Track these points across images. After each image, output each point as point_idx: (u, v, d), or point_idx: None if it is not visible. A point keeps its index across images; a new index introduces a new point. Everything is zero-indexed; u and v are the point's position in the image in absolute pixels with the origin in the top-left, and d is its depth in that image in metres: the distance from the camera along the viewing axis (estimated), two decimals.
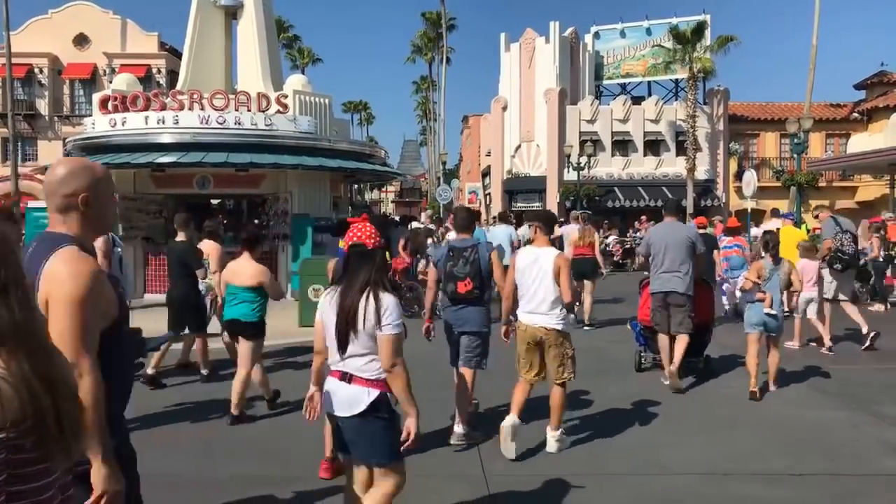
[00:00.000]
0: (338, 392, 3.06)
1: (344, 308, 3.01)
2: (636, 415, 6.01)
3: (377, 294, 3.00)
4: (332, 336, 3.08)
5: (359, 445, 3.09)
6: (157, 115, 13.16)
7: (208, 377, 7.28)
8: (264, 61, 15.12)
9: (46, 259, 2.07)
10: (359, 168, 14.55)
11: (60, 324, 1.97)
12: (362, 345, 3.00)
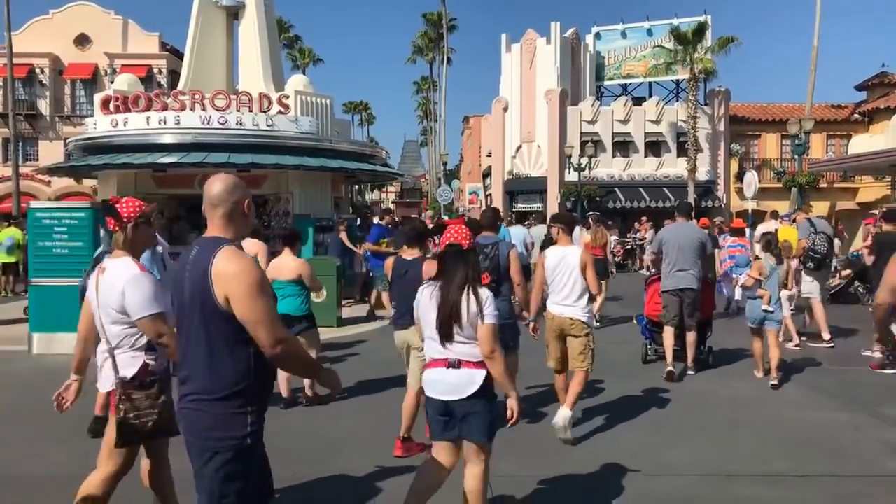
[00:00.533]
0: (446, 378, 3.34)
1: (448, 303, 3.31)
2: (638, 415, 6.02)
3: (476, 289, 3.32)
4: (433, 328, 3.35)
5: (469, 423, 3.36)
6: (159, 116, 13.18)
7: None
8: (265, 62, 15.15)
9: (209, 261, 2.39)
10: (360, 168, 14.58)
11: (253, 313, 2.36)
12: (467, 334, 3.30)
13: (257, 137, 13.23)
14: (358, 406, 6.21)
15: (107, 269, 3.19)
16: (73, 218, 8.40)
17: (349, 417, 5.80)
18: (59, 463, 4.76)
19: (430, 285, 3.47)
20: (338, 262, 10.84)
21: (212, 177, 2.54)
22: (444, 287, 3.35)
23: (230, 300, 2.38)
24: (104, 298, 3.17)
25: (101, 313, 3.20)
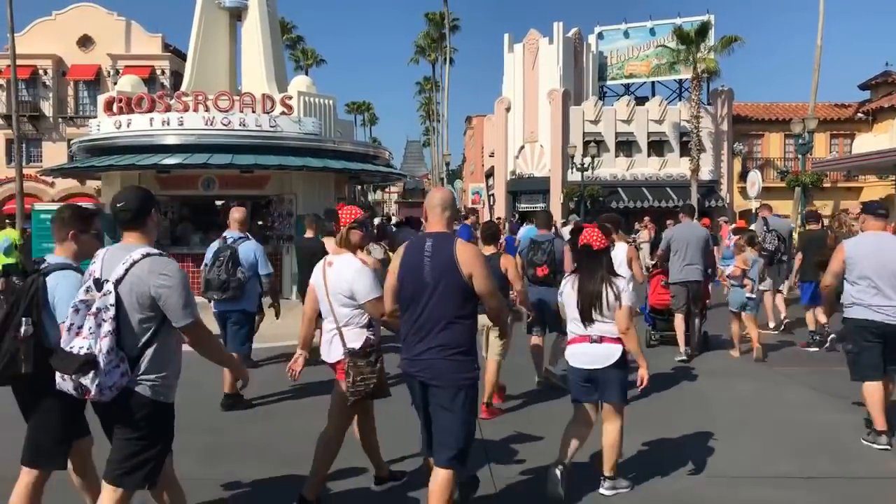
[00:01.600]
0: (589, 351, 4.17)
1: (589, 293, 4.14)
2: (642, 417, 5.98)
3: (612, 281, 4.15)
4: (576, 312, 4.20)
5: (609, 388, 4.16)
6: (162, 117, 13.17)
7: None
8: (268, 63, 15.13)
9: (452, 248, 3.37)
10: (363, 169, 14.56)
11: (486, 284, 3.40)
12: (608, 316, 4.11)
13: (260, 138, 13.20)
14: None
15: (334, 263, 3.96)
16: None
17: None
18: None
19: (571, 278, 4.34)
20: None
21: (435, 187, 3.52)
22: (584, 279, 4.20)
23: (473, 277, 3.34)
24: (335, 286, 3.90)
25: (330, 298, 3.92)
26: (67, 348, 2.82)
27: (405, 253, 3.52)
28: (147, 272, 2.90)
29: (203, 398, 6.51)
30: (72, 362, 2.78)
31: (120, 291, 2.87)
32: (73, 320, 2.85)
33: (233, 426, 5.64)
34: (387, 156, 16.52)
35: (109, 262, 2.96)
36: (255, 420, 5.81)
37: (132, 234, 3.04)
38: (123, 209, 3.01)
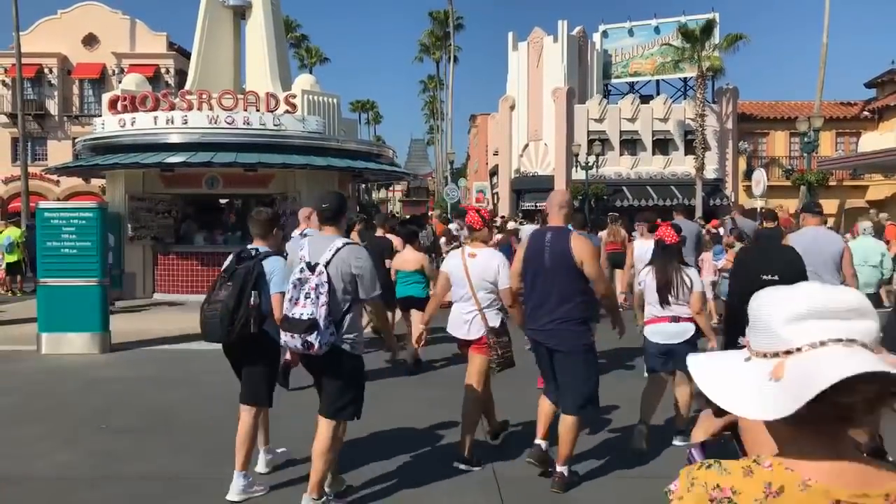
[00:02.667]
0: (668, 329, 4.98)
1: (666, 281, 4.93)
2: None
3: (683, 271, 4.99)
4: (655, 296, 4.98)
5: (682, 359, 4.36)
6: (166, 115, 13.18)
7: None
8: (272, 61, 15.12)
9: (567, 240, 4.18)
10: (367, 168, 14.53)
11: (594, 270, 4.19)
12: (682, 300, 4.93)
13: (264, 137, 13.20)
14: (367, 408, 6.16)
15: (477, 255, 4.68)
16: (82, 218, 8.41)
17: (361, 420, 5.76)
18: (66, 463, 4.76)
19: (648, 268, 5.14)
20: None
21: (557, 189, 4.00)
22: (660, 269, 4.99)
23: (583, 264, 4.12)
24: (480, 274, 4.60)
25: (473, 284, 4.61)
26: (292, 315, 3.70)
27: (529, 243, 4.41)
28: (348, 256, 3.75)
29: (206, 397, 6.52)
30: (300, 325, 3.64)
31: (329, 271, 3.70)
32: (293, 294, 3.74)
33: (235, 425, 5.62)
34: (391, 154, 16.50)
35: (315, 250, 3.78)
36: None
37: (331, 227, 3.93)
38: (327, 209, 3.90)
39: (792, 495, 0.98)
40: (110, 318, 8.77)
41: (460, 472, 4.64)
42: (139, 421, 5.70)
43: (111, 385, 6.91)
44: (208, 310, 4.06)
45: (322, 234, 3.97)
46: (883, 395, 0.97)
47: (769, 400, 1.00)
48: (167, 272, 14.06)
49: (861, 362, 0.95)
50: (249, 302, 3.99)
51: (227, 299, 3.97)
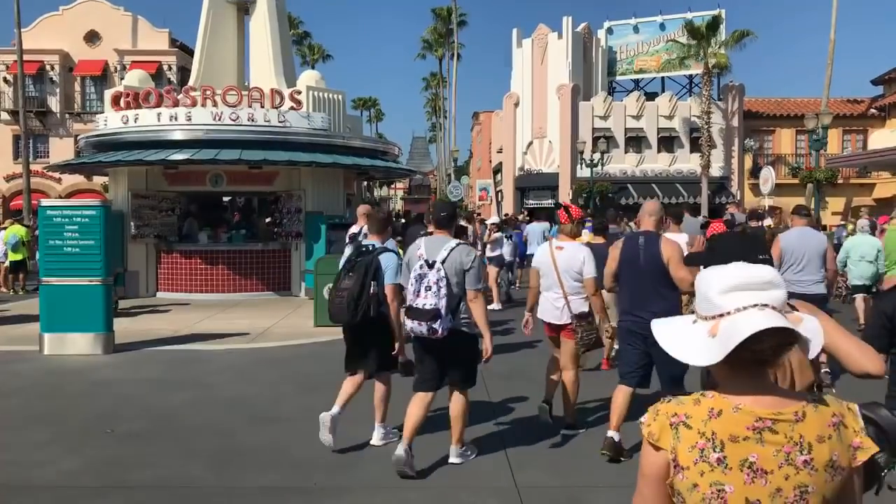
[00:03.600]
0: None
1: None
2: None
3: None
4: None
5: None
6: (170, 112, 13.01)
7: None
8: (277, 57, 14.95)
9: (658, 243, 4.66)
10: (373, 165, 14.37)
11: (677, 270, 4.50)
12: None
13: (269, 134, 13.04)
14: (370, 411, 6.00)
15: (564, 248, 5.24)
16: (84, 216, 8.24)
17: (363, 423, 5.60)
18: (71, 471, 4.59)
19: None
20: None
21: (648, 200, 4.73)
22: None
23: (669, 263, 4.54)
24: (568, 265, 5.16)
25: (560, 274, 5.15)
26: (416, 305, 4.29)
27: (623, 246, 4.86)
28: (460, 254, 4.39)
29: (213, 399, 6.37)
30: (426, 314, 4.24)
31: (445, 267, 4.32)
32: (415, 287, 4.32)
33: (244, 429, 5.48)
34: (396, 152, 16.32)
35: (431, 249, 4.39)
36: (266, 423, 5.64)
37: (443, 231, 4.59)
38: (444, 216, 4.62)
39: (727, 415, 1.38)
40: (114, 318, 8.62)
41: (477, 480, 4.48)
42: (145, 425, 5.54)
43: (116, 387, 6.75)
44: (336, 297, 4.76)
45: (436, 235, 4.60)
46: (783, 343, 1.38)
47: (708, 351, 1.40)
48: (170, 271, 13.91)
49: (767, 321, 1.34)
50: (370, 290, 4.66)
51: (351, 287, 4.67)
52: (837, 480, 1.37)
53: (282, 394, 6.52)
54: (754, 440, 1.36)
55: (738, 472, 1.36)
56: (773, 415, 1.37)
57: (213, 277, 13.70)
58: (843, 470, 1.37)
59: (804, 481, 1.35)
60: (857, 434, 1.40)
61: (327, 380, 7.02)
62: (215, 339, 9.25)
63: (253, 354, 8.37)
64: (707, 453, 1.37)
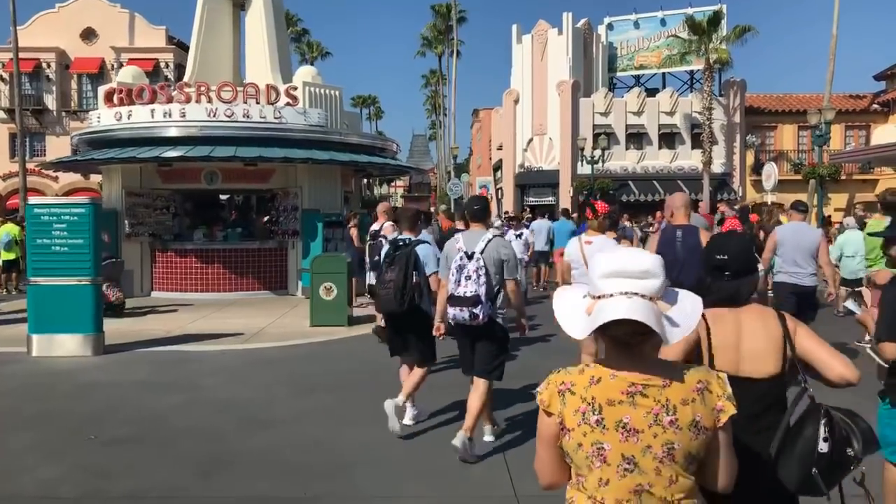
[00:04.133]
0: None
1: None
2: None
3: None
4: None
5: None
6: (164, 108, 12.80)
7: None
8: (273, 53, 14.73)
9: (698, 234, 5.08)
10: (370, 162, 14.15)
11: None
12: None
13: (265, 130, 12.82)
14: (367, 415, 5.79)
15: (593, 242, 5.47)
16: (73, 214, 8.02)
17: (359, 427, 5.40)
18: (51, 480, 4.37)
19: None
20: (348, 259, 10.44)
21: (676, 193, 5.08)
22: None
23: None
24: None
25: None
26: (457, 293, 4.52)
27: (661, 238, 5.26)
28: (497, 246, 4.67)
29: (203, 401, 6.16)
30: (467, 301, 4.48)
31: (483, 257, 4.55)
32: (455, 276, 4.58)
33: (235, 433, 5.27)
34: (394, 148, 16.10)
35: (470, 241, 4.67)
36: (259, 427, 5.43)
37: (479, 224, 4.86)
38: (479, 210, 4.89)
39: (605, 382, 1.56)
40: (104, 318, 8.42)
41: (477, 490, 4.27)
42: (131, 430, 5.33)
43: (103, 390, 6.54)
44: (383, 289, 5.10)
45: (473, 229, 4.89)
46: (638, 332, 1.51)
47: (580, 326, 1.57)
48: (165, 270, 13.70)
49: (622, 311, 1.49)
50: (412, 280, 4.99)
51: (396, 279, 4.99)
52: (701, 439, 1.55)
53: (275, 396, 6.31)
54: (627, 403, 1.55)
55: (614, 432, 1.54)
56: (644, 381, 1.56)
57: (209, 277, 13.49)
58: (706, 430, 1.55)
59: (671, 439, 1.53)
60: (720, 398, 1.58)
61: (323, 381, 6.84)
62: (209, 339, 9.04)
63: (247, 355, 8.16)
64: (588, 416, 1.56)
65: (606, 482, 1.56)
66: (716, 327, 2.27)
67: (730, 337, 2.26)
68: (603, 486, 1.57)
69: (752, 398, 2.14)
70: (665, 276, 1.58)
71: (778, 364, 2.23)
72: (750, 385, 2.18)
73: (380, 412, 5.34)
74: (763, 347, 2.24)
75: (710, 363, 2.24)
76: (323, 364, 7.65)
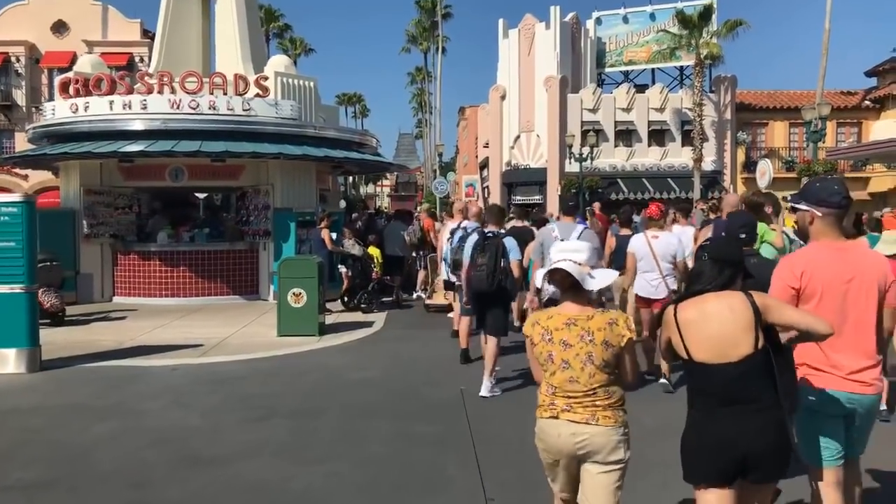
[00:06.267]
0: None
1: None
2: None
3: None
4: None
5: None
6: (123, 100, 11.88)
7: None
8: (244, 43, 13.85)
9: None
10: (348, 157, 13.30)
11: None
12: None
13: (233, 123, 11.92)
14: (327, 448, 4.98)
15: (659, 237, 6.46)
16: (3, 214, 7.14)
17: (316, 466, 4.58)
18: None
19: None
20: (319, 261, 9.60)
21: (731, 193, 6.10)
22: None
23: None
24: (664, 251, 6.34)
25: (658, 258, 6.30)
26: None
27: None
28: (588, 237, 6.08)
29: (137, 431, 5.29)
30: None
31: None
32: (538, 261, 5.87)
33: (165, 475, 4.42)
34: (374, 144, 15.25)
35: (564, 232, 5.99)
36: (195, 466, 4.59)
37: (569, 217, 6.77)
38: (572, 205, 6.89)
39: (555, 317, 2.73)
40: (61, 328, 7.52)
41: None
42: (40, 471, 4.47)
43: (24, 418, 5.67)
44: (475, 271, 6.12)
45: (564, 221, 6.60)
46: (565, 276, 2.71)
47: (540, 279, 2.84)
48: (128, 273, 12.79)
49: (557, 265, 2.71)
50: (500, 265, 6.07)
51: (487, 263, 6.06)
52: (609, 352, 2.64)
53: (223, 424, 5.47)
54: (565, 329, 2.69)
55: (558, 345, 2.69)
56: (576, 316, 2.70)
57: (175, 280, 12.59)
58: (612, 346, 2.64)
59: (590, 350, 2.64)
60: (623, 330, 2.66)
61: (282, 404, 5.99)
62: (163, 352, 8.17)
63: (201, 372, 7.29)
64: (544, 336, 2.73)
65: (554, 373, 2.69)
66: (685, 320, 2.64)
67: (701, 328, 2.60)
68: (552, 376, 2.70)
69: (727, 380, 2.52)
70: (592, 253, 2.76)
71: (751, 344, 2.53)
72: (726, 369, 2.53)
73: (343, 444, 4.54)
74: (731, 331, 2.56)
75: (687, 353, 2.63)
76: (285, 382, 6.82)
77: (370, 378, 6.86)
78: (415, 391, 6.39)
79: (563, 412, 2.63)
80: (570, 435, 2.60)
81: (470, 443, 4.95)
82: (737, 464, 2.50)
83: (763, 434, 2.47)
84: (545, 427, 2.69)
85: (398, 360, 7.83)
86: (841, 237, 2.93)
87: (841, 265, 2.82)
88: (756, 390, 2.48)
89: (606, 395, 2.62)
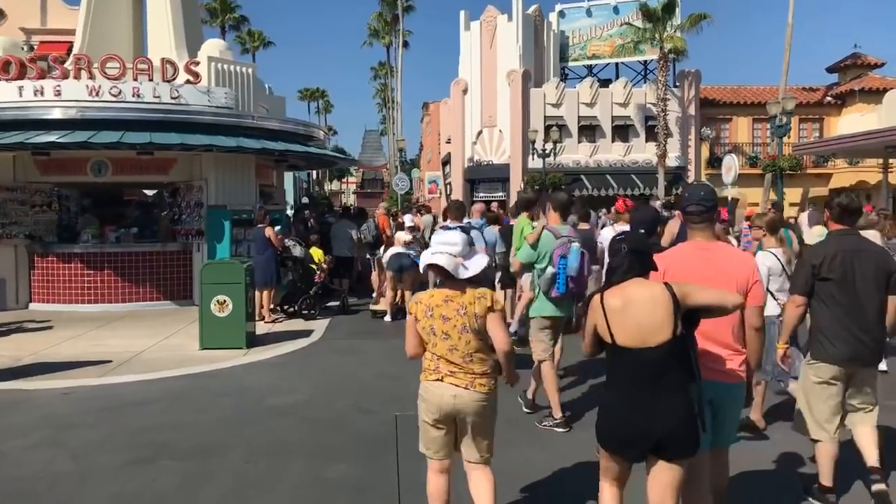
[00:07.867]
0: None
1: None
2: None
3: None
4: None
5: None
6: (35, 85, 10.71)
7: None
8: (178, 27, 12.74)
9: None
10: (290, 150, 12.27)
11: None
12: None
13: (160, 112, 10.82)
14: (225, 502, 4.05)
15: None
16: None
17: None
18: None
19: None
20: (248, 264, 8.60)
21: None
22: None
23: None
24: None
25: None
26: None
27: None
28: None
29: None
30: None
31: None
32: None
33: None
34: (321, 136, 14.25)
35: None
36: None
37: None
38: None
39: (436, 296, 3.18)
40: None
41: None
42: None
43: None
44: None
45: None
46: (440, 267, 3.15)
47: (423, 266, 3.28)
48: (46, 277, 11.60)
49: (430, 259, 3.18)
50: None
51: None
52: (479, 322, 3.07)
53: (96, 470, 4.47)
54: (444, 305, 3.11)
55: (438, 319, 3.11)
56: (452, 294, 3.12)
57: (99, 285, 11.46)
58: (481, 317, 3.07)
59: (464, 322, 3.07)
60: (489, 303, 3.09)
61: (179, 439, 5.00)
62: (63, 370, 7.12)
63: (97, 395, 6.27)
64: (426, 312, 3.13)
65: (436, 344, 3.15)
66: (611, 307, 2.79)
67: (626, 314, 2.75)
68: (434, 346, 3.16)
69: (644, 363, 2.71)
70: (465, 245, 3.18)
71: (669, 331, 2.69)
72: (644, 352, 2.71)
73: (235, 497, 3.62)
74: (652, 319, 2.72)
75: (612, 338, 2.78)
76: (192, 409, 5.84)
77: (292, 403, 5.92)
78: (341, 420, 5.48)
79: (446, 376, 3.13)
80: (451, 396, 3.11)
81: (395, 490, 4.07)
82: (648, 441, 2.70)
83: (672, 413, 2.66)
84: (430, 388, 3.17)
85: (330, 378, 6.90)
86: (711, 238, 3.19)
87: (702, 264, 3.07)
88: (668, 373, 2.67)
89: (482, 362, 3.15)
